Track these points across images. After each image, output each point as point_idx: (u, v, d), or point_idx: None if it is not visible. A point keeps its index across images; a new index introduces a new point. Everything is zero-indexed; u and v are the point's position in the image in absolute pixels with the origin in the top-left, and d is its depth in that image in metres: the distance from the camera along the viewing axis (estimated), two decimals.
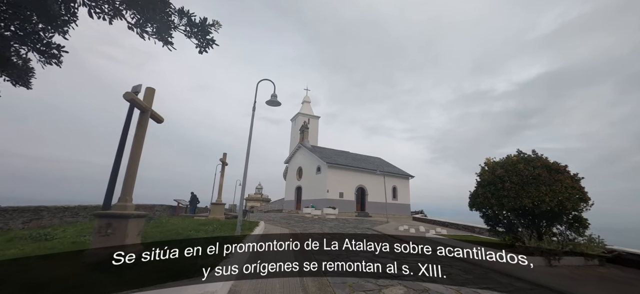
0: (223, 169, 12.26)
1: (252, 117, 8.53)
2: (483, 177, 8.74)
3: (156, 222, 9.61)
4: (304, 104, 33.05)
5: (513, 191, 7.86)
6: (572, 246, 7.39)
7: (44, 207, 7.72)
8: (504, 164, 8.53)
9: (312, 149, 27.73)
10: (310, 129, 30.14)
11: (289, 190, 30.09)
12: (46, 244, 5.60)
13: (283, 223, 15.70)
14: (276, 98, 8.73)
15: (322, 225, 14.96)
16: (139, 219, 4.85)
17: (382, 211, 25.71)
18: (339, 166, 24.67)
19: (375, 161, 30.91)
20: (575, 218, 8.15)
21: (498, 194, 8.17)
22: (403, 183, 28.33)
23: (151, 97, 5.34)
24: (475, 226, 15.16)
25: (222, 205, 12.28)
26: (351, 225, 15.71)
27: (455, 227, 16.84)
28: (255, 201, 42.30)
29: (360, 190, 25.61)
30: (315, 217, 19.64)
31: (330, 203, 23.06)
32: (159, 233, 7.70)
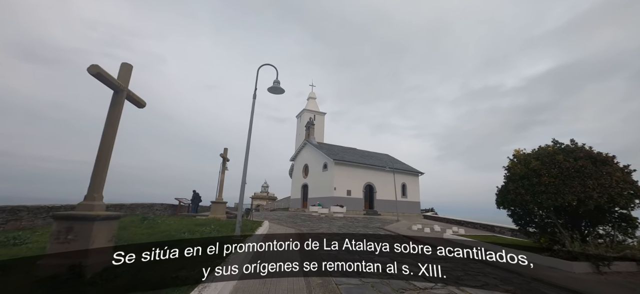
0: (224, 164, 11.34)
1: (253, 105, 7.58)
2: (514, 171, 7.61)
3: (151, 222, 8.74)
4: (310, 101, 32.04)
5: (552, 186, 6.73)
6: (629, 251, 6.22)
7: (24, 207, 6.89)
8: (539, 156, 7.39)
9: (319, 145, 26.72)
10: (316, 125, 29.14)
11: (295, 188, 29.16)
12: (10, 251, 4.71)
13: (289, 221, 14.76)
14: (279, 84, 7.75)
15: (330, 224, 13.96)
16: (109, 221, 3.91)
17: (391, 209, 24.57)
18: (346, 163, 23.61)
19: (383, 157, 29.75)
20: (622, 217, 6.98)
21: (533, 190, 7.05)
22: (413, 180, 27.13)
23: (127, 75, 4.39)
24: (495, 225, 13.97)
25: (224, 204, 11.39)
26: (361, 224, 14.67)
27: (472, 226, 15.64)
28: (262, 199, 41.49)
29: (368, 187, 24.52)
30: (322, 216, 18.65)
31: (338, 201, 22.03)
32: (149, 235, 6.80)
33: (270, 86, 7.70)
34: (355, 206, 23.09)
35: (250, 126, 7.34)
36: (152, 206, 12.91)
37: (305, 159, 27.53)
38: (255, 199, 41.56)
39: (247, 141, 7.21)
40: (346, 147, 29.27)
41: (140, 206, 12.01)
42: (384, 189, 24.91)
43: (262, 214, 23.04)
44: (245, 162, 7.07)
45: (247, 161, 7.04)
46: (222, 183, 11.28)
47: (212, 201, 11.44)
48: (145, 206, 12.31)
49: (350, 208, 22.50)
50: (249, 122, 7.34)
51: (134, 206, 11.49)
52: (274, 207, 34.96)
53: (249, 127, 7.31)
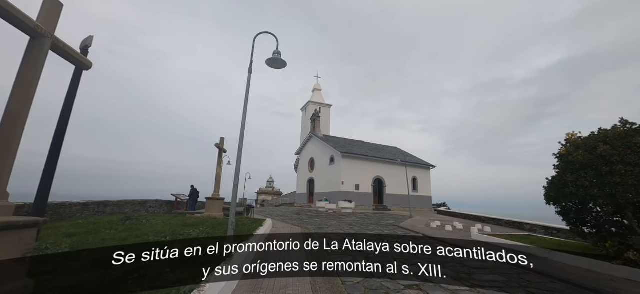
0: (220, 156, 9.92)
1: (248, 80, 6.11)
2: (573, 159, 6.02)
3: (134, 223, 7.39)
4: (315, 92, 30.47)
5: (633, 177, 5.14)
6: None
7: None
8: (606, 138, 5.78)
9: (325, 138, 25.22)
10: (322, 118, 27.59)
11: (300, 183, 27.76)
12: None
13: (294, 218, 13.36)
14: (279, 55, 6.26)
15: (339, 221, 12.52)
16: (17, 231, 2.49)
17: (401, 204, 23.01)
18: (354, 156, 22.08)
19: (392, 150, 28.13)
20: None
21: (603, 182, 5.47)
22: (424, 174, 25.50)
23: (53, 16, 2.95)
24: (523, 222, 12.36)
25: (220, 200, 10.02)
26: (373, 221, 13.20)
27: (496, 222, 14.03)
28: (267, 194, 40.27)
29: (378, 181, 22.98)
30: (330, 212, 17.21)
31: (346, 196, 20.57)
32: (123, 239, 5.41)
33: (270, 57, 6.21)
34: (364, 201, 21.60)
35: (246, 105, 5.89)
36: (145, 203, 11.60)
37: (311, 152, 26.08)
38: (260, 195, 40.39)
39: (241, 123, 5.77)
40: (354, 140, 27.71)
41: (130, 203, 10.71)
42: (394, 183, 23.35)
43: (267, 210, 21.72)
44: (239, 147, 5.64)
45: (242, 144, 5.60)
46: (219, 177, 9.89)
47: (207, 198, 10.07)
48: (136, 203, 11.00)
49: (359, 204, 21.02)
50: (244, 100, 5.89)
51: (123, 203, 10.18)
52: (280, 202, 33.69)
53: (244, 106, 5.86)
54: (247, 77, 6.14)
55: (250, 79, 6.13)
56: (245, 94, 5.96)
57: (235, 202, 5.50)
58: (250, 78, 6.13)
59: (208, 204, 9.77)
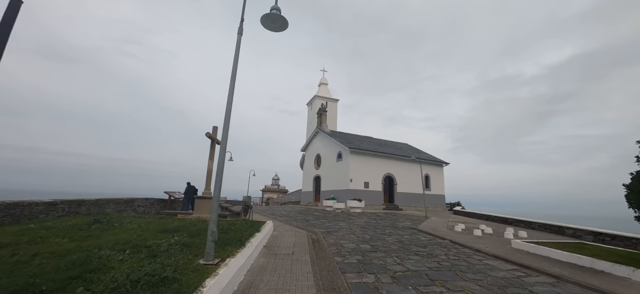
0: (212, 147, 8.38)
1: (238, 42, 4.57)
2: None
3: (102, 226, 5.94)
4: (321, 86, 28.86)
5: None
6: None
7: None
8: None
9: (332, 134, 23.61)
10: (328, 113, 25.99)
11: (306, 180, 26.22)
12: None
13: (299, 219, 11.83)
14: (279, 11, 4.68)
15: (349, 223, 10.94)
16: None
17: (413, 203, 21.30)
18: (363, 152, 20.43)
19: (403, 146, 26.38)
20: None
21: None
22: (437, 171, 23.71)
23: None
24: (563, 226, 10.58)
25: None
26: (387, 223, 11.58)
27: (528, 225, 12.25)
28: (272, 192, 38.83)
29: (388, 179, 21.29)
30: (338, 212, 15.62)
31: (354, 194, 18.94)
32: (61, 255, 3.89)
33: (266, 13, 4.65)
34: (373, 199, 19.95)
35: (234, 71, 4.35)
36: (132, 201, 10.18)
37: (318, 148, 24.51)
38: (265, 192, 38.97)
39: (228, 96, 4.23)
40: (362, 136, 26.04)
41: (113, 201, 9.29)
42: (405, 181, 21.64)
43: (271, 208, 20.23)
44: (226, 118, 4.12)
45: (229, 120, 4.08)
46: (210, 172, 8.39)
47: (196, 197, 8.57)
48: (121, 202, 9.58)
49: (368, 202, 19.38)
50: (233, 65, 4.36)
51: (103, 202, 8.75)
52: (285, 200, 32.23)
53: (232, 73, 4.33)
54: (237, 39, 4.61)
55: (240, 41, 4.60)
56: (234, 59, 4.43)
57: (217, 203, 3.98)
58: (240, 40, 4.61)
59: (197, 204, 8.23)
